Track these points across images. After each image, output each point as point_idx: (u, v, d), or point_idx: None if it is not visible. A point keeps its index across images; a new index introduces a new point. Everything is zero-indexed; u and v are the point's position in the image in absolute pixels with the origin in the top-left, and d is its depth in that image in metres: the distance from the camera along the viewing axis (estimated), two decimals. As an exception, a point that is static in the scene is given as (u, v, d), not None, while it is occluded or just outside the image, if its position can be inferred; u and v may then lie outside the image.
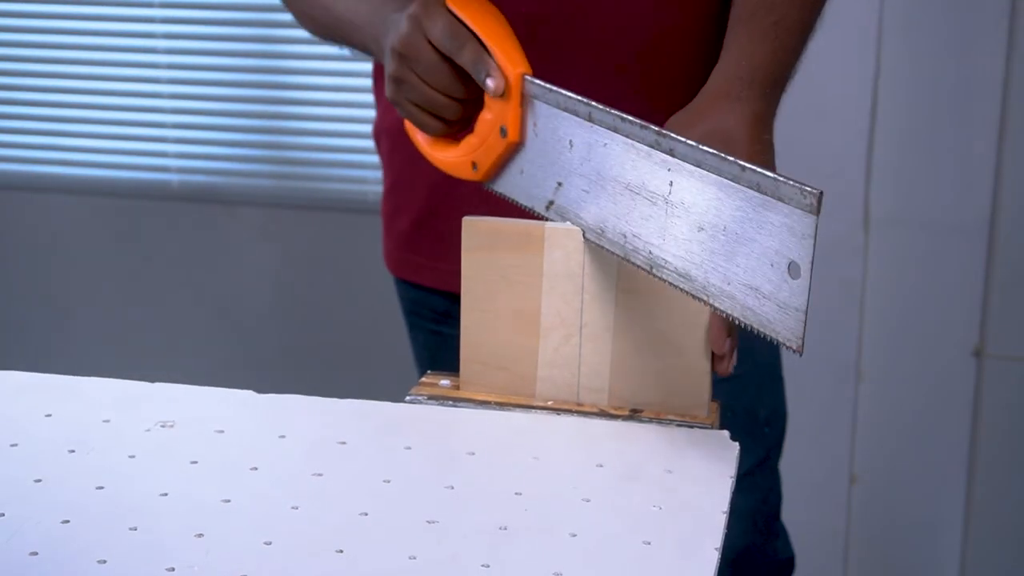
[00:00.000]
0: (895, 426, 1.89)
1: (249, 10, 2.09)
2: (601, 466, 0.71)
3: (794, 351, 0.66)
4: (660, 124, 0.78)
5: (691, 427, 0.76)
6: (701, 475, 0.70)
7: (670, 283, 0.73)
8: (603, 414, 0.79)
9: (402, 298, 1.27)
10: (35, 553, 0.61)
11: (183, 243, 2.23)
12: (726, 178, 0.67)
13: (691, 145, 0.70)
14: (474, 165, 0.87)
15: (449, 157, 0.90)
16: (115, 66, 2.20)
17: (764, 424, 1.23)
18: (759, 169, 0.66)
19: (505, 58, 0.84)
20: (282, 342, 2.23)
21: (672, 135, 0.71)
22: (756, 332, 0.68)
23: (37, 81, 2.24)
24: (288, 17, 1.13)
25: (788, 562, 1.30)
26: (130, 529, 0.63)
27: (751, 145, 0.79)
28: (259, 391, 0.80)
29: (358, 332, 2.19)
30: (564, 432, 0.76)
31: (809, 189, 0.63)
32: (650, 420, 0.77)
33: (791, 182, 0.64)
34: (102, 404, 0.78)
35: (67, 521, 0.64)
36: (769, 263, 0.66)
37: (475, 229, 0.80)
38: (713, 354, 0.77)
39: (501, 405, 0.80)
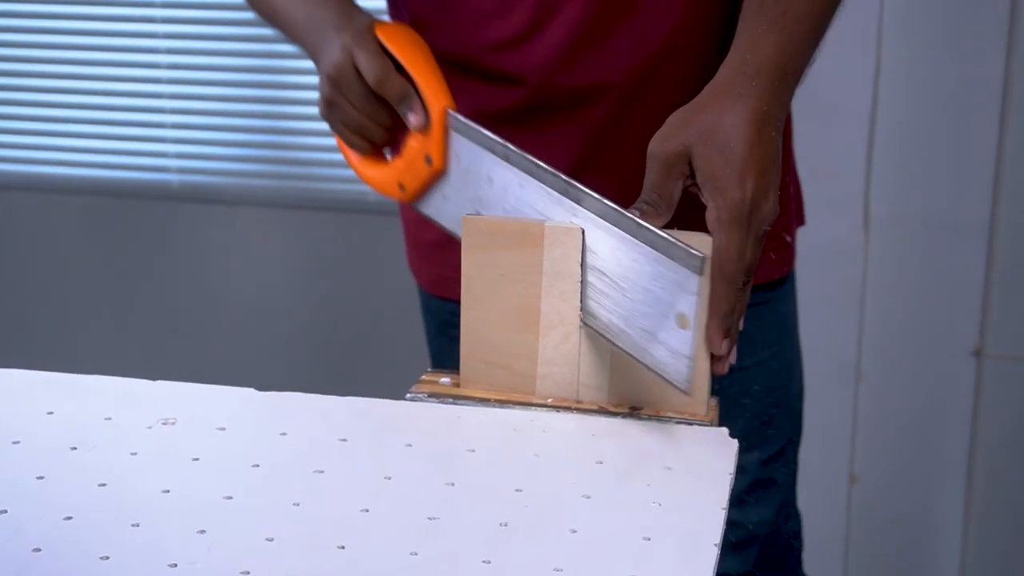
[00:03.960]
0: (895, 426, 1.89)
1: (249, 10, 2.09)
2: (601, 463, 0.71)
3: (683, 391, 0.72)
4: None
5: (690, 424, 0.76)
6: (701, 472, 0.70)
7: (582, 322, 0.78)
8: (603, 411, 0.79)
9: (434, 312, 1.26)
10: (37, 550, 0.61)
11: (183, 243, 2.23)
12: (625, 232, 0.74)
13: (596, 198, 0.76)
14: (401, 186, 0.94)
15: (377, 176, 0.96)
16: (115, 66, 2.20)
17: (795, 398, 1.25)
18: (653, 228, 0.72)
19: (430, 92, 0.90)
20: (282, 341, 2.23)
21: (579, 186, 0.77)
22: (651, 371, 0.74)
23: (37, 81, 2.24)
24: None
25: (799, 532, 1.32)
26: (132, 526, 0.63)
27: (749, 143, 0.78)
28: (260, 389, 0.80)
29: (358, 331, 2.19)
30: (564, 429, 0.76)
31: (695, 252, 0.70)
32: (649, 417, 0.77)
33: (680, 244, 0.70)
34: (103, 402, 0.78)
35: (69, 518, 0.64)
36: (662, 312, 0.72)
37: (475, 227, 0.80)
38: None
39: (501, 403, 0.80)
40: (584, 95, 1.05)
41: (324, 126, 2.29)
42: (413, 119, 0.90)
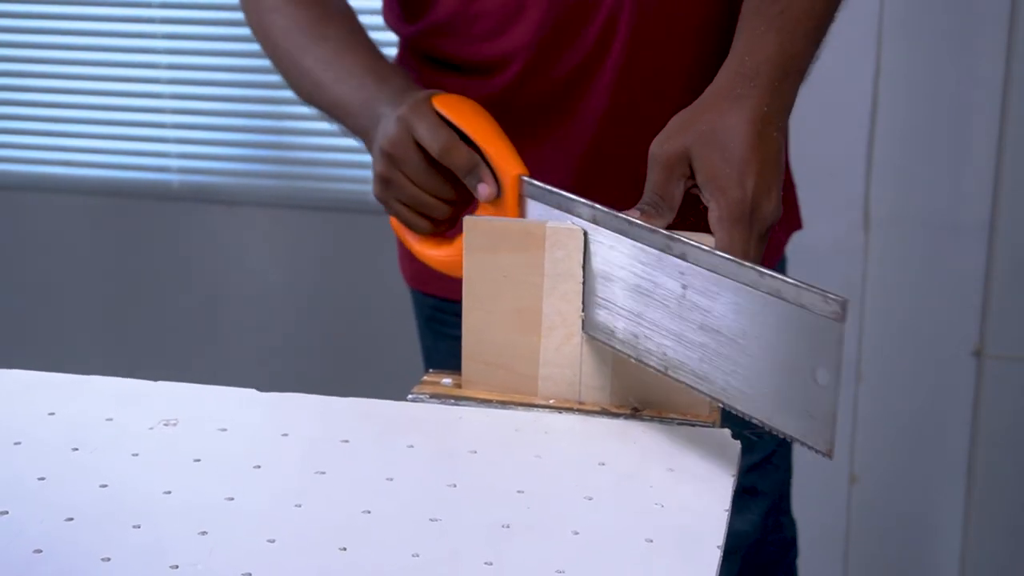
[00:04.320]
0: (895, 426, 1.89)
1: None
2: (603, 464, 0.71)
3: (825, 455, 0.62)
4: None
5: (692, 425, 0.76)
6: (703, 473, 0.70)
7: (688, 385, 0.71)
8: (605, 412, 0.79)
9: (420, 307, 1.26)
10: (39, 551, 0.61)
11: (183, 243, 2.23)
12: (744, 283, 0.65)
13: (704, 249, 0.67)
14: None
15: (442, 256, 0.89)
16: (115, 66, 2.20)
17: None
18: (776, 275, 0.63)
19: (500, 160, 0.84)
20: (283, 341, 2.23)
21: (682, 238, 0.69)
22: (786, 439, 0.65)
23: (37, 81, 2.24)
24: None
25: (793, 540, 1.31)
26: (133, 527, 0.63)
27: (749, 144, 0.78)
28: (261, 390, 0.80)
29: (359, 331, 2.19)
30: (566, 430, 0.76)
31: (833, 297, 0.60)
32: (651, 419, 0.77)
33: (815, 289, 0.60)
34: (105, 403, 0.78)
35: (70, 519, 0.64)
36: (795, 369, 0.63)
37: (477, 228, 0.80)
38: None
39: (503, 404, 0.80)
40: (571, 83, 1.04)
41: (325, 126, 2.29)
42: (483, 190, 0.84)
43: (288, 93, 2.24)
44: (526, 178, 0.83)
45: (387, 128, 0.87)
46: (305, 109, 2.24)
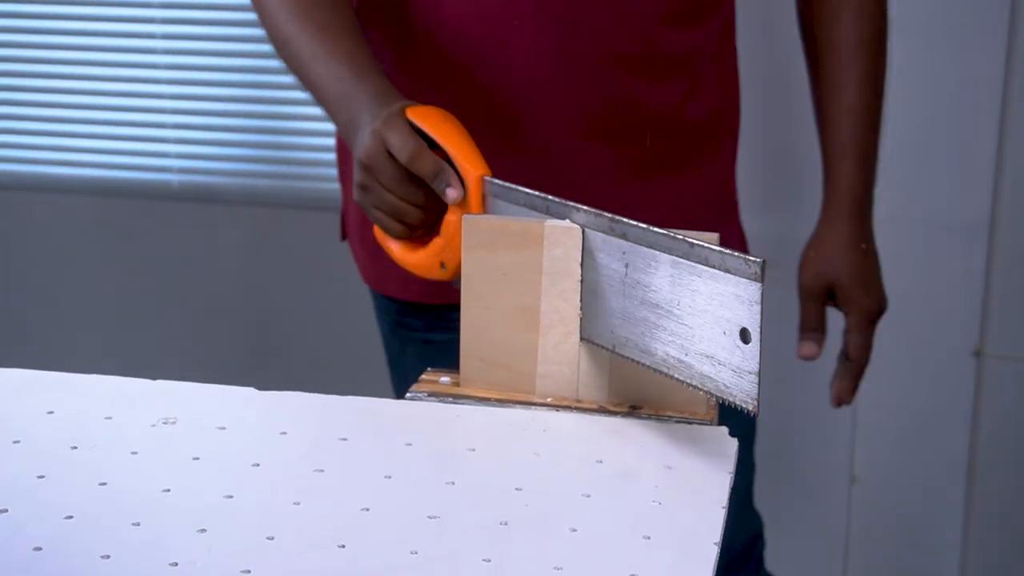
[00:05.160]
0: (895, 426, 1.89)
1: (249, 10, 2.09)
2: (601, 462, 0.71)
3: (750, 412, 0.68)
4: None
5: (690, 423, 0.77)
6: (700, 471, 0.70)
7: (632, 359, 0.76)
8: (602, 411, 0.79)
9: (384, 312, 1.27)
10: (39, 549, 0.61)
11: (183, 243, 2.23)
12: (677, 256, 0.71)
13: (642, 228, 0.73)
14: (442, 265, 0.91)
15: (417, 259, 0.94)
16: (115, 66, 2.20)
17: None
18: (707, 244, 0.69)
19: (465, 162, 0.89)
20: (283, 341, 2.23)
21: (624, 220, 0.75)
22: (715, 398, 0.71)
23: (37, 81, 2.24)
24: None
25: (760, 533, 1.32)
26: (133, 525, 0.63)
27: (869, 267, 1.21)
28: (260, 389, 0.80)
29: (359, 331, 2.18)
30: (564, 428, 0.76)
31: (753, 259, 0.66)
32: (649, 416, 0.77)
33: (736, 253, 0.67)
34: (104, 401, 0.78)
35: (70, 517, 0.64)
36: (723, 331, 0.68)
37: (475, 227, 0.80)
38: None
39: (501, 402, 0.80)
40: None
41: (324, 126, 2.29)
42: (451, 193, 0.88)
43: (288, 93, 2.25)
44: (488, 178, 0.88)
45: (364, 141, 0.91)
46: (305, 110, 2.25)
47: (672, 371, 0.73)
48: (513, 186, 0.85)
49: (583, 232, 0.77)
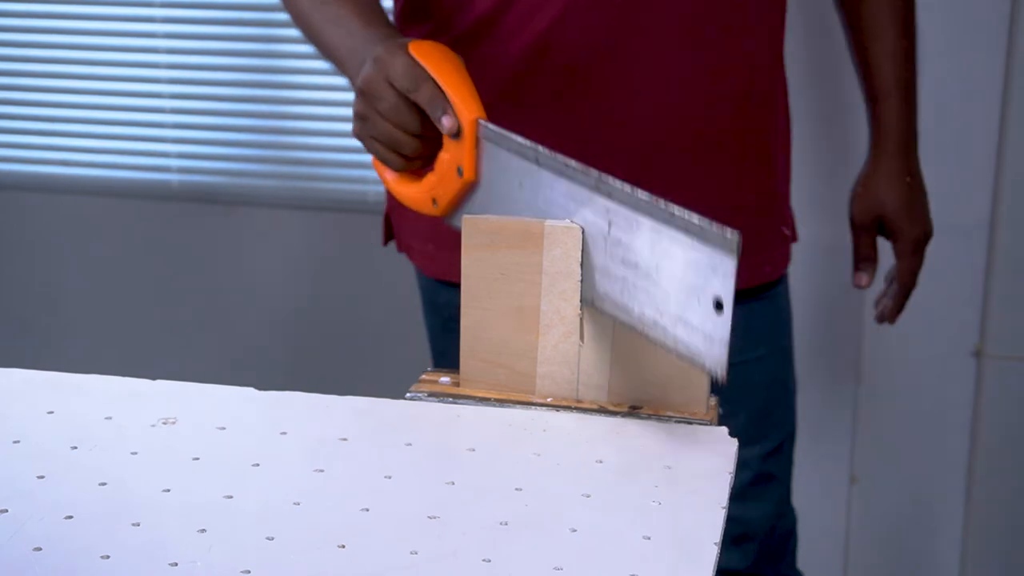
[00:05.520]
0: (895, 426, 1.89)
1: (250, 10, 2.09)
2: (601, 462, 0.71)
3: (718, 378, 0.70)
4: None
5: (690, 423, 0.77)
6: (700, 471, 0.70)
7: (610, 314, 0.77)
8: (602, 411, 0.79)
9: (440, 308, 1.26)
10: (38, 549, 0.61)
11: (183, 243, 2.23)
12: (658, 221, 0.73)
13: (627, 191, 0.75)
14: (434, 201, 0.93)
15: (411, 192, 0.95)
16: (115, 66, 2.20)
17: (792, 394, 1.28)
18: (686, 214, 0.71)
19: (461, 103, 0.89)
20: (282, 341, 2.23)
21: (609, 180, 0.76)
22: (686, 360, 0.73)
23: (37, 81, 2.24)
24: (288, 17, 1.14)
25: (794, 530, 1.33)
26: (132, 525, 0.63)
27: (916, 196, 1.30)
28: (260, 389, 0.80)
29: (358, 331, 2.19)
30: (564, 428, 0.76)
31: (729, 234, 0.68)
32: (649, 417, 0.77)
33: (713, 227, 0.69)
34: (104, 401, 0.78)
35: (70, 517, 0.64)
36: (697, 298, 0.71)
37: (475, 227, 0.80)
38: None
39: (501, 402, 0.80)
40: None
41: (325, 126, 2.29)
42: (446, 122, 0.88)
43: (289, 93, 2.25)
44: (483, 121, 0.88)
45: (365, 68, 0.92)
46: (306, 109, 2.25)
47: (647, 330, 0.75)
48: (507, 133, 0.86)
49: (582, 231, 0.78)
